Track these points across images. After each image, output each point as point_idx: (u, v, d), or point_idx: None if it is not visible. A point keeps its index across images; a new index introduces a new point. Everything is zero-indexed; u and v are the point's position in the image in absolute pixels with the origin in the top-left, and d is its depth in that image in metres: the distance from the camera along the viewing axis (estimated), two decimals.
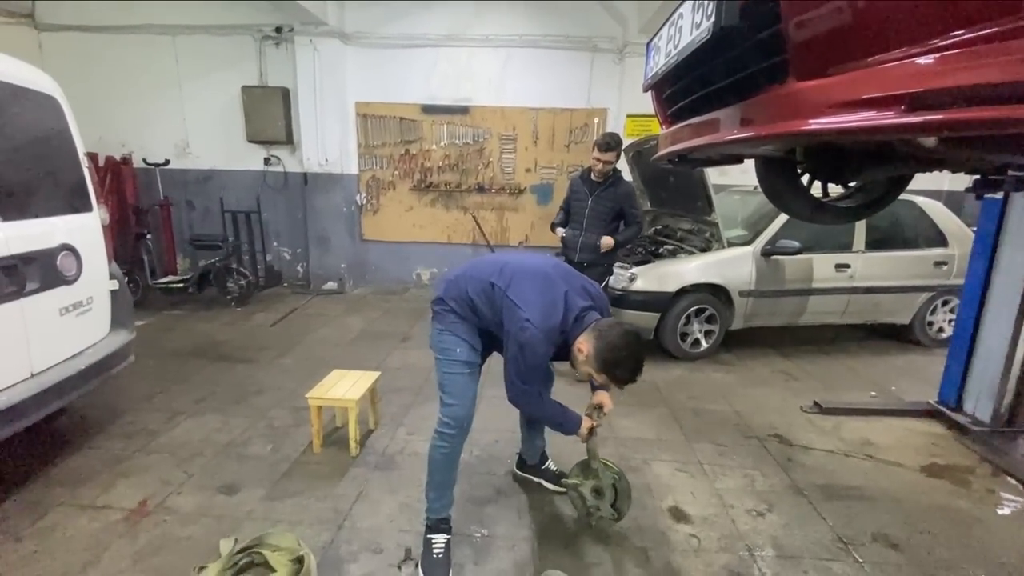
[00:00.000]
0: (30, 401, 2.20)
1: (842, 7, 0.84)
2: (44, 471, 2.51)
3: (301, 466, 2.62)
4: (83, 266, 2.59)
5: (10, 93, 2.31)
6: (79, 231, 2.61)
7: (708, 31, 1.02)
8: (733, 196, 5.01)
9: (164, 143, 6.10)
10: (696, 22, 1.10)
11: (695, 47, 1.11)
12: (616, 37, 5.89)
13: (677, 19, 1.23)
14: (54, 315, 2.44)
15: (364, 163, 6.36)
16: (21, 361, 2.26)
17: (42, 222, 2.40)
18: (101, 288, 2.75)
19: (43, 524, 2.15)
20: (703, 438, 2.99)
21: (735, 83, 1.18)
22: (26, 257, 2.26)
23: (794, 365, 4.20)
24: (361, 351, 4.31)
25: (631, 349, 1.74)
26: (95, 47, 5.91)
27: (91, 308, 2.67)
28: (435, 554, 1.95)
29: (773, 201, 2.17)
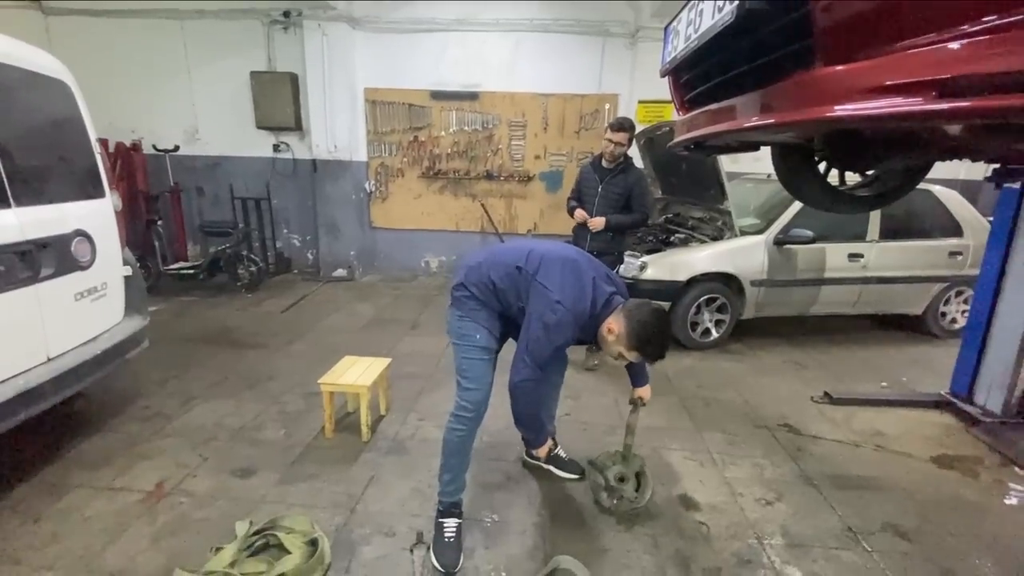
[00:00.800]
0: (47, 385, 2.23)
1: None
2: (62, 454, 2.56)
3: (314, 451, 2.65)
4: (97, 252, 2.61)
5: (21, 78, 2.31)
6: (92, 217, 2.62)
7: (732, 14, 1.00)
8: (746, 184, 4.95)
9: (174, 129, 6.10)
10: (719, 5, 1.08)
11: (717, 31, 1.08)
12: (628, 21, 5.79)
13: (698, 2, 1.20)
14: (69, 300, 2.47)
15: (373, 150, 6.34)
16: (37, 345, 2.30)
17: (56, 208, 2.42)
18: (115, 274, 2.78)
19: (61, 506, 2.19)
20: (713, 427, 2.99)
21: (758, 68, 1.15)
22: (41, 242, 2.28)
23: (805, 355, 4.18)
24: (371, 338, 4.34)
25: (660, 325, 1.83)
26: (103, 32, 5.90)
27: (105, 294, 2.69)
28: (447, 538, 1.98)
29: (789, 189, 2.14)
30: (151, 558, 1.92)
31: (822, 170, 2.01)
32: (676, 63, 1.39)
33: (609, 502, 2.25)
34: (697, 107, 1.50)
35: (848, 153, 1.78)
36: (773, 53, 1.06)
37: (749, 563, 2.00)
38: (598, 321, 1.90)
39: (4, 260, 2.11)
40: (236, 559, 1.85)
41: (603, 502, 2.27)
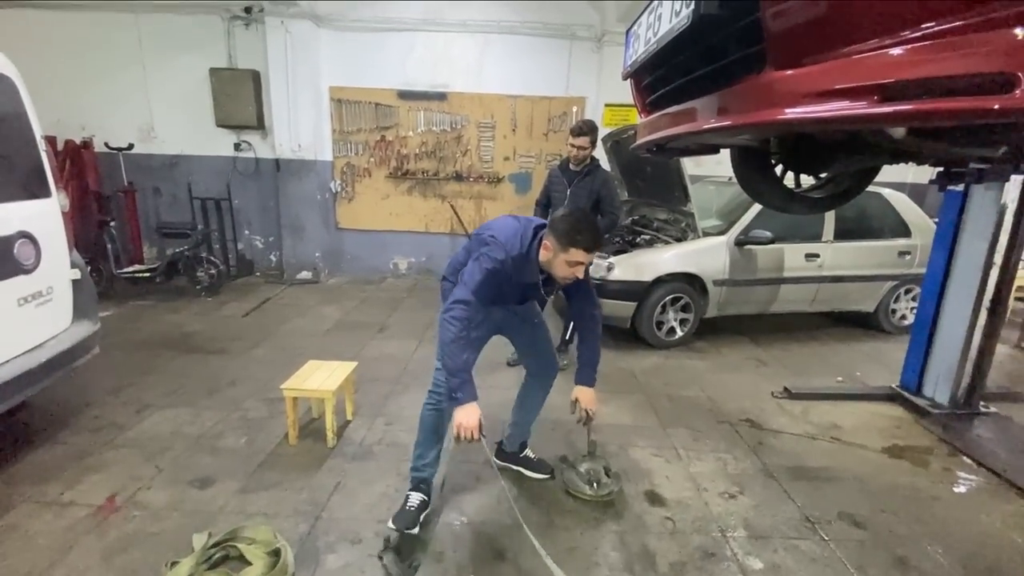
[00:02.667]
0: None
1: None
2: (5, 468, 2.42)
3: (277, 458, 2.58)
4: (42, 254, 2.48)
5: None
6: (37, 218, 2.49)
7: (688, 18, 1.02)
8: (708, 186, 5.08)
9: (127, 127, 5.84)
10: (676, 10, 1.10)
11: (674, 35, 1.11)
12: (594, 25, 5.87)
13: (656, 7, 1.23)
14: (12, 306, 2.33)
15: (339, 149, 6.23)
16: None
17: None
18: (62, 277, 2.64)
19: (5, 523, 2.07)
20: (678, 423, 3.05)
21: (713, 72, 1.18)
22: None
23: (765, 352, 4.32)
24: (337, 341, 4.25)
25: (580, 215, 1.91)
26: (51, 24, 5.60)
27: (51, 298, 2.56)
28: (407, 507, 2.12)
29: (747, 191, 2.21)
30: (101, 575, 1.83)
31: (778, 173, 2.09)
32: (637, 66, 1.42)
33: (590, 489, 2.28)
34: (658, 110, 1.53)
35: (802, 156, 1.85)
36: (727, 57, 1.09)
37: (713, 556, 2.05)
38: (534, 254, 1.95)
39: None
40: (193, 572, 1.78)
41: (582, 491, 2.30)
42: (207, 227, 5.77)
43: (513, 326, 2.31)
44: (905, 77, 0.77)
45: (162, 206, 6.16)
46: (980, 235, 3.07)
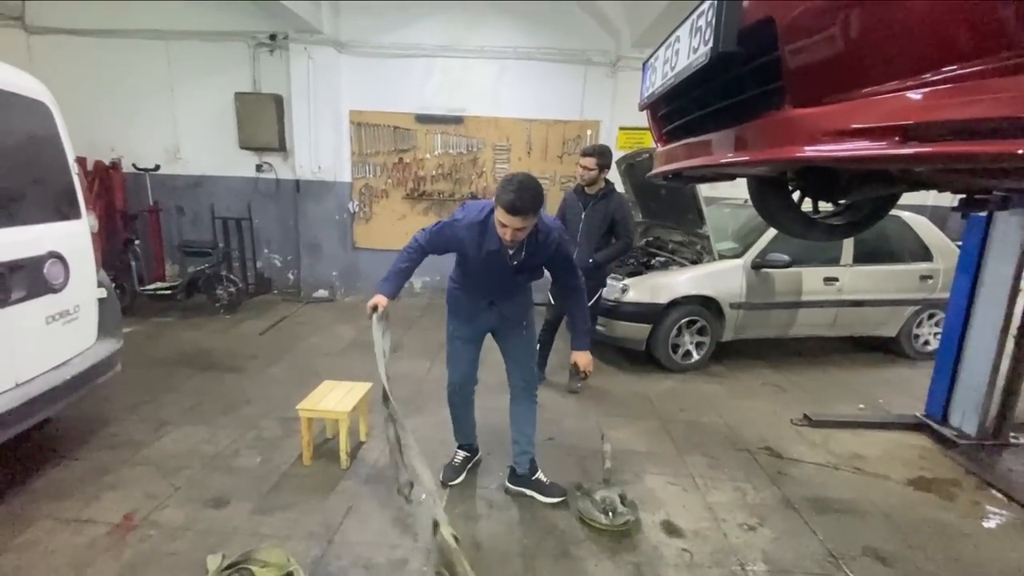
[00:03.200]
0: (14, 411, 2.15)
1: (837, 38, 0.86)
2: (27, 483, 2.45)
3: (291, 479, 2.59)
4: (71, 274, 2.55)
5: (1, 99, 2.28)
6: (67, 238, 2.57)
7: (706, 56, 1.04)
8: (723, 209, 5.07)
9: (155, 148, 6.04)
10: (693, 46, 1.12)
11: (692, 71, 1.13)
12: (609, 51, 5.96)
13: (674, 42, 1.25)
14: (40, 324, 2.40)
15: (357, 171, 6.36)
16: (5, 371, 2.22)
17: (30, 229, 2.36)
18: (88, 296, 2.71)
19: (25, 538, 2.09)
20: (694, 450, 3.00)
21: (731, 107, 1.20)
22: (13, 265, 2.22)
23: (783, 377, 4.24)
24: (352, 361, 4.28)
25: (520, 177, 1.97)
26: (86, 51, 5.85)
27: (78, 317, 2.62)
28: (453, 462, 2.62)
29: (765, 217, 2.21)
30: None
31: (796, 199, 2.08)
32: (654, 98, 1.44)
33: (605, 518, 2.24)
34: (675, 140, 1.54)
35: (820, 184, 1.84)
36: (745, 93, 1.10)
37: None
38: (491, 221, 2.10)
39: None
40: None
41: (597, 520, 2.25)
42: (227, 246, 5.89)
43: (501, 329, 2.44)
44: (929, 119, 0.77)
45: (185, 225, 6.31)
46: (1005, 260, 3.00)
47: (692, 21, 1.12)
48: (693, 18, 1.12)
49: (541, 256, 2.20)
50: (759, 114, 1.08)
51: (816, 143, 0.90)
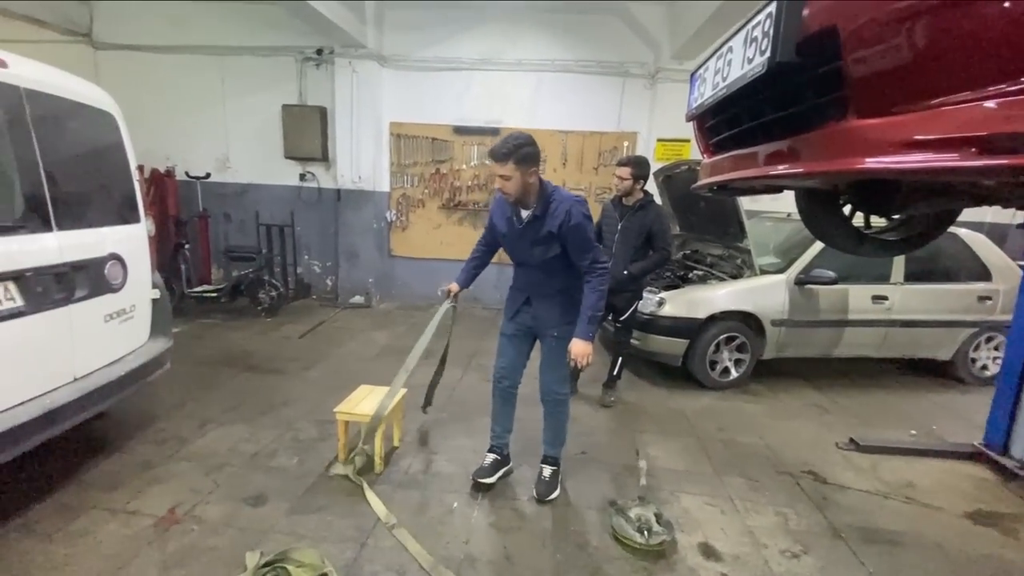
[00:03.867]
0: (72, 405, 2.27)
1: (908, 47, 0.83)
2: (78, 474, 2.57)
3: (326, 481, 2.63)
4: (128, 275, 2.68)
5: (71, 109, 2.43)
6: (127, 241, 2.71)
7: (763, 66, 1.02)
8: (765, 223, 4.94)
9: (206, 157, 6.33)
10: (748, 56, 1.10)
11: (746, 82, 1.11)
12: (648, 63, 5.94)
13: (726, 52, 1.23)
14: (99, 321, 2.52)
15: (395, 181, 6.50)
16: (65, 365, 2.34)
17: (94, 232, 2.50)
18: (144, 296, 2.85)
19: (74, 528, 2.19)
20: (733, 471, 2.90)
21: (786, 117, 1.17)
22: (77, 265, 2.35)
23: (827, 398, 4.07)
24: (386, 366, 4.32)
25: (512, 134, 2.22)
26: (147, 65, 6.22)
27: (133, 316, 2.75)
28: (483, 463, 2.66)
29: (813, 232, 2.14)
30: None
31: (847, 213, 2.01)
32: (703, 109, 1.42)
33: (640, 536, 2.18)
34: (722, 151, 1.52)
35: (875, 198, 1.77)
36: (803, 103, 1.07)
37: None
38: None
39: (42, 281, 2.18)
40: None
41: (632, 539, 2.20)
42: (270, 252, 6.10)
43: (537, 331, 2.53)
44: (1005, 131, 0.73)
45: (231, 231, 6.57)
46: None
47: (747, 31, 1.10)
48: (748, 28, 1.10)
49: (550, 223, 2.24)
50: (817, 125, 1.05)
51: (882, 155, 0.86)
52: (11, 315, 2.05)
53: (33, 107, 2.18)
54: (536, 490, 2.55)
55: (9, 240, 2.07)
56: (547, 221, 2.24)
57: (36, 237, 2.18)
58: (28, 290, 2.13)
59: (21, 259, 2.10)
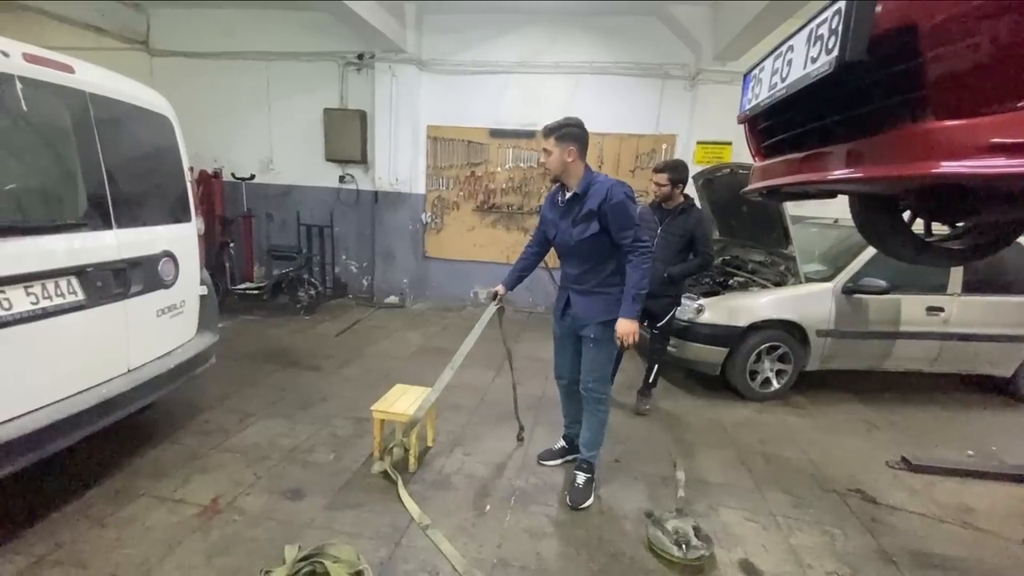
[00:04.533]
0: (126, 395, 2.37)
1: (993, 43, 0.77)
2: (129, 462, 2.69)
3: (361, 478, 2.66)
4: (180, 272, 2.79)
5: (129, 112, 2.55)
6: (179, 239, 2.82)
7: (829, 65, 0.97)
8: (810, 229, 4.76)
9: (251, 159, 6.56)
10: (811, 55, 1.05)
11: (809, 81, 1.06)
12: (688, 64, 5.82)
13: (786, 52, 1.18)
14: (152, 316, 2.63)
15: (431, 183, 6.57)
16: (120, 357, 2.45)
17: (149, 230, 2.61)
18: (193, 293, 2.96)
19: (125, 513, 2.28)
20: (775, 486, 2.79)
21: (849, 119, 1.11)
22: (133, 262, 2.46)
23: (876, 413, 3.87)
24: (419, 366, 4.38)
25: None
26: (198, 71, 6.49)
27: (183, 311, 2.86)
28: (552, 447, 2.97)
29: (869, 239, 2.04)
30: (204, 575, 1.95)
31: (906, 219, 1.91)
32: (758, 110, 1.37)
33: (678, 550, 2.12)
34: (777, 155, 1.46)
35: (940, 204, 1.67)
36: (872, 104, 1.02)
37: None
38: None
39: (101, 277, 2.29)
40: None
41: (669, 552, 2.13)
42: (310, 251, 6.27)
43: (578, 331, 2.53)
44: None
45: (273, 231, 6.78)
46: None
47: (811, 29, 1.06)
48: (812, 26, 1.05)
49: (591, 201, 2.31)
50: (887, 127, 0.99)
51: (963, 158, 0.81)
52: (73, 308, 2.16)
53: (97, 110, 2.29)
54: (569, 496, 2.52)
55: (73, 237, 2.18)
56: (588, 200, 2.33)
57: (97, 234, 2.29)
58: (89, 285, 2.24)
59: (83, 255, 2.22)
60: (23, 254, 1.98)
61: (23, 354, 1.98)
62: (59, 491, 2.38)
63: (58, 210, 2.19)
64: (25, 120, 2.02)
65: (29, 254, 2.00)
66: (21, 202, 2.05)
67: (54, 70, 2.10)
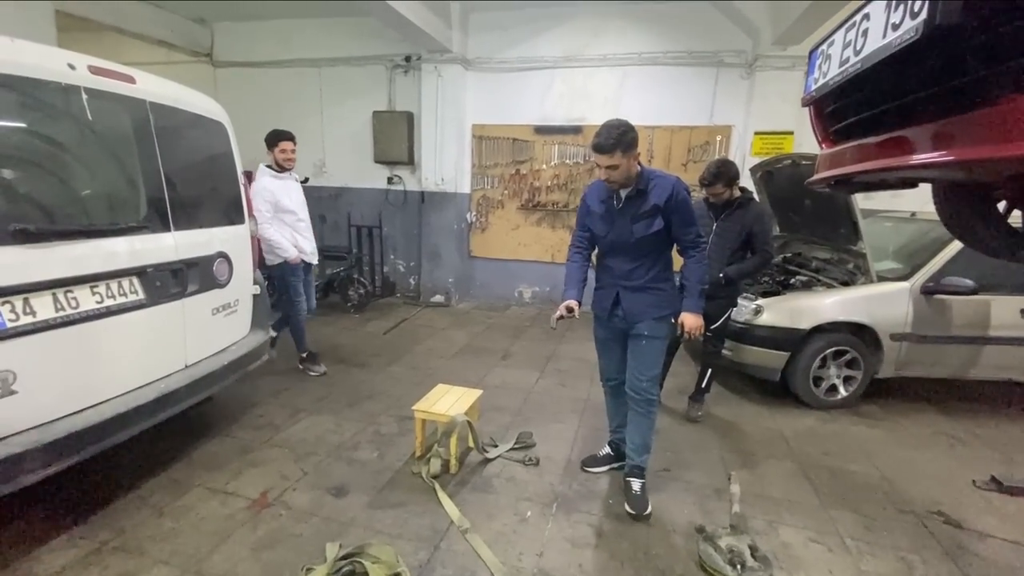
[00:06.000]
0: (183, 390, 2.47)
1: None
2: (187, 453, 2.81)
3: (403, 477, 2.66)
4: (234, 272, 2.90)
5: (188, 119, 2.66)
6: (232, 240, 2.92)
7: (917, 31, 0.83)
8: (883, 223, 4.38)
9: (305, 162, 6.76)
10: (894, 22, 0.91)
11: (891, 51, 0.92)
12: (745, 51, 5.50)
13: (860, 21, 1.04)
14: (207, 314, 2.74)
15: (476, 182, 6.57)
16: (178, 354, 2.56)
17: (205, 232, 2.72)
18: (246, 292, 3.06)
19: (181, 503, 2.39)
20: (843, 505, 2.56)
21: (937, 95, 0.96)
22: (190, 262, 2.57)
23: (959, 427, 3.50)
24: (463, 365, 4.37)
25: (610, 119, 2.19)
26: (256, 79, 6.80)
27: (237, 310, 2.97)
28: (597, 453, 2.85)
29: (956, 233, 1.81)
30: (250, 568, 2.00)
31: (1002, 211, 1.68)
32: (827, 90, 1.22)
33: (733, 570, 1.97)
34: (848, 140, 1.30)
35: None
36: (966, 76, 0.87)
37: None
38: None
39: (161, 277, 2.40)
40: None
41: (722, 572, 1.99)
42: (360, 252, 6.42)
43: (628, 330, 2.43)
44: None
45: (325, 232, 6.99)
46: None
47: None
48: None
49: (655, 197, 2.24)
50: (983, 103, 0.84)
51: None
52: (134, 307, 2.27)
53: (157, 118, 2.40)
54: (630, 505, 2.40)
55: (134, 239, 2.29)
56: (650, 196, 2.25)
57: (156, 236, 2.40)
58: (149, 284, 2.35)
59: (144, 256, 2.33)
60: (89, 256, 2.09)
61: (89, 350, 2.10)
62: (123, 480, 2.52)
63: (120, 213, 2.30)
64: (90, 128, 2.14)
65: (94, 256, 2.11)
66: (87, 206, 2.17)
67: (117, 80, 2.22)
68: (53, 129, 2.04)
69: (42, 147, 2.01)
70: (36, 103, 1.96)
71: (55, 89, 1.98)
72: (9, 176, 1.90)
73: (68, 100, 2.02)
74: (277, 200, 3.81)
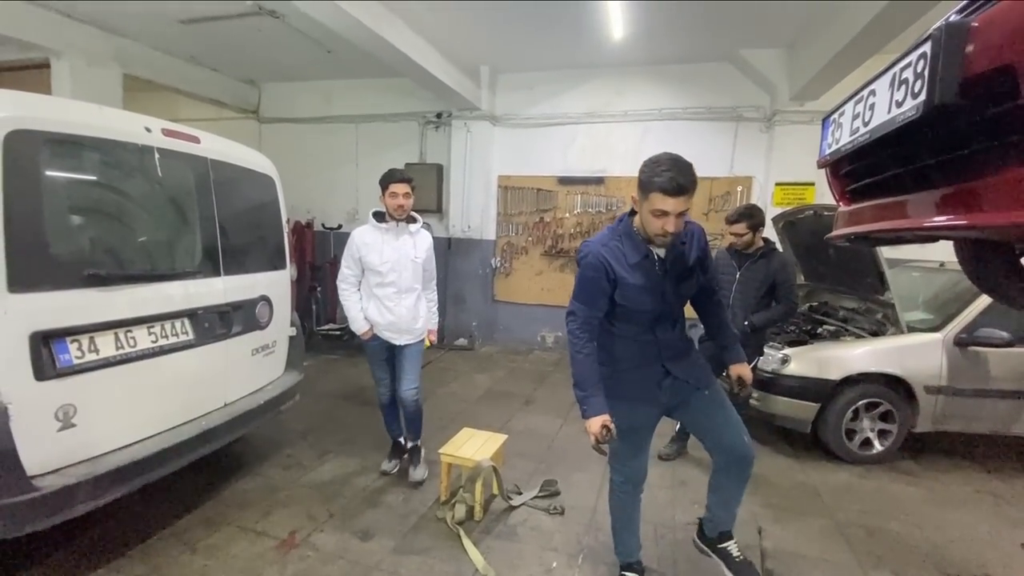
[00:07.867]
0: (222, 427, 2.58)
1: None
2: (219, 491, 2.88)
3: (428, 522, 2.67)
4: (274, 314, 3.05)
5: (242, 174, 2.89)
6: (274, 285, 3.09)
7: (917, 110, 0.92)
8: (911, 273, 4.35)
9: (339, 211, 7.13)
10: (896, 100, 1.01)
11: (895, 127, 1.01)
12: (763, 106, 5.69)
13: (867, 96, 1.14)
14: (247, 355, 2.88)
15: (501, 229, 6.78)
16: (219, 392, 2.68)
17: (250, 277, 2.90)
18: (284, 334, 3.20)
19: (212, 541, 2.44)
20: (883, 566, 2.45)
21: (944, 163, 1.04)
22: (236, 305, 2.73)
23: (1006, 485, 3.34)
24: (487, 409, 4.39)
25: (658, 157, 1.78)
26: (298, 134, 7.28)
27: (274, 351, 3.10)
28: None
29: (981, 286, 1.83)
30: None
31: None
32: (839, 155, 1.31)
33: None
34: (863, 199, 1.38)
35: None
36: (969, 147, 0.95)
37: None
38: (627, 226, 1.91)
39: (209, 319, 2.55)
40: None
41: None
42: None
43: (680, 399, 1.99)
44: None
45: None
46: None
47: (894, 74, 1.01)
48: (895, 70, 1.01)
49: (694, 250, 1.92)
50: (990, 170, 0.92)
51: None
52: (184, 347, 2.42)
53: (216, 173, 2.63)
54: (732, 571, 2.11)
55: (188, 283, 2.47)
56: (690, 251, 1.92)
57: (208, 281, 2.58)
58: (198, 326, 2.50)
59: (196, 299, 2.50)
60: (149, 299, 2.26)
61: (141, 387, 2.23)
62: (159, 515, 2.59)
63: (178, 260, 2.49)
64: (159, 183, 2.36)
65: (154, 299, 2.28)
66: (150, 253, 2.36)
67: (185, 141, 2.46)
68: (127, 184, 2.26)
69: (117, 200, 2.23)
70: (116, 161, 2.19)
71: (132, 149, 2.21)
72: (88, 226, 2.11)
73: (143, 158, 2.25)
74: (362, 256, 3.08)
